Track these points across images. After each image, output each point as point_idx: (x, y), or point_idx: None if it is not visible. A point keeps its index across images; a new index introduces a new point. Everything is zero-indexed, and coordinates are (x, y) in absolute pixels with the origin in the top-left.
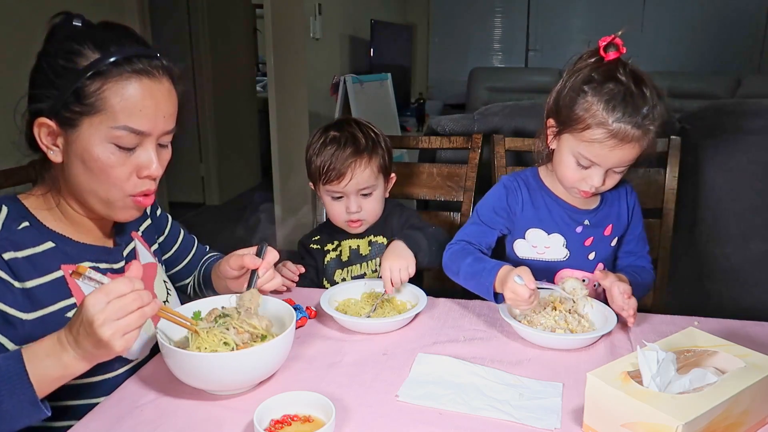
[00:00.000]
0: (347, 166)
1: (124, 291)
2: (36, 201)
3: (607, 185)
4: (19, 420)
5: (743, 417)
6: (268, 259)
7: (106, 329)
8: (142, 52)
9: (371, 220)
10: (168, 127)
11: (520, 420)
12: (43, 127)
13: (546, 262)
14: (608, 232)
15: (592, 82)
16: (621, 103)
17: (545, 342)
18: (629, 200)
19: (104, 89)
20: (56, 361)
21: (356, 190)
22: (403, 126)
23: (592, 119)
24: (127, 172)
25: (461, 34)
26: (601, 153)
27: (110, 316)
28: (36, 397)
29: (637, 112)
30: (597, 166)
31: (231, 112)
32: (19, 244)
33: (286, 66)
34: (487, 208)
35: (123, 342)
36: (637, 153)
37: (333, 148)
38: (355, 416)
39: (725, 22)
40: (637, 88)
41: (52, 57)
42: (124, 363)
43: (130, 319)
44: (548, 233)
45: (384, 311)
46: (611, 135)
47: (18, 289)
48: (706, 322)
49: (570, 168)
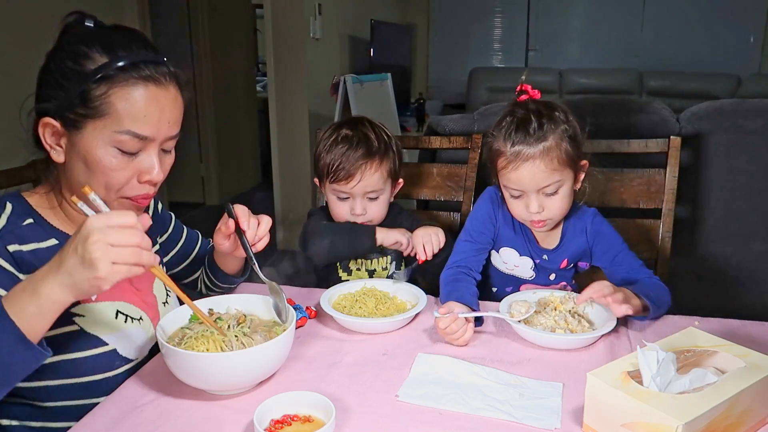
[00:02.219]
0: (357, 167)
1: (127, 223)
2: (40, 199)
3: (552, 209)
4: (14, 363)
5: (743, 417)
6: (240, 212)
7: (97, 248)
8: (150, 58)
9: (376, 223)
10: (172, 132)
11: (520, 420)
12: (47, 127)
13: (514, 277)
14: (563, 265)
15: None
16: (514, 131)
17: (545, 342)
18: (589, 231)
19: (110, 94)
20: (32, 294)
21: (363, 193)
22: (403, 126)
23: (498, 153)
24: (127, 176)
25: (461, 34)
26: (515, 177)
27: (106, 238)
28: (20, 333)
29: (527, 133)
30: (525, 192)
31: (231, 112)
32: (24, 239)
33: (286, 66)
34: (477, 222)
35: (109, 269)
36: (554, 167)
37: (344, 147)
38: (355, 416)
39: (725, 22)
40: (528, 114)
41: (60, 58)
42: (123, 362)
43: (125, 251)
44: (520, 255)
45: (384, 311)
46: (513, 157)
47: (21, 280)
48: (707, 322)
49: (510, 202)
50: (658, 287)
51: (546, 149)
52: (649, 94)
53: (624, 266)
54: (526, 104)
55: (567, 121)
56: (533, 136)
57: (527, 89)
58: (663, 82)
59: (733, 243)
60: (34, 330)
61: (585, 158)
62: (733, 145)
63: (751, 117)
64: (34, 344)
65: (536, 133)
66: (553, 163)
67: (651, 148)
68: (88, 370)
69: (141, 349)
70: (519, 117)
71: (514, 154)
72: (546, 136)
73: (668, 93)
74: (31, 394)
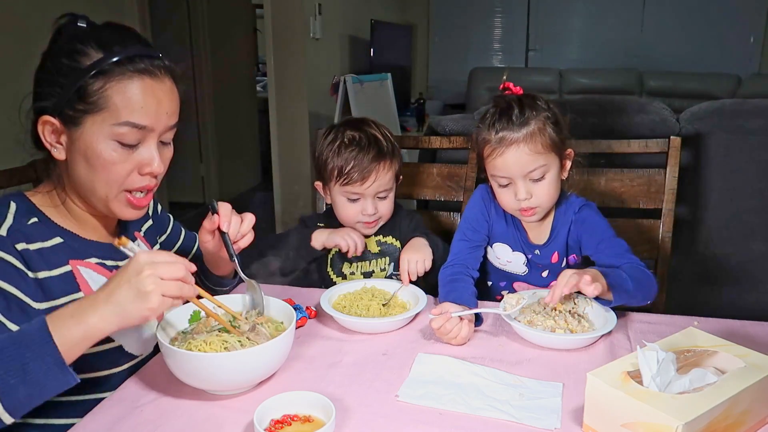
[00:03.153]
0: (371, 168)
1: (173, 260)
2: (42, 198)
3: (540, 196)
4: (47, 385)
5: (743, 417)
6: (222, 211)
7: (150, 281)
8: (145, 52)
9: (385, 221)
10: (170, 122)
11: (520, 420)
12: (47, 125)
13: (507, 273)
14: (555, 259)
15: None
16: (497, 119)
17: (545, 342)
18: (574, 220)
19: (107, 88)
20: (79, 321)
21: (375, 193)
22: (403, 126)
23: (484, 142)
24: (128, 169)
25: (461, 34)
26: (501, 163)
27: (157, 272)
28: (61, 358)
29: (509, 119)
30: (512, 180)
31: (231, 112)
32: (30, 237)
33: (286, 66)
34: (471, 220)
35: (159, 301)
36: (538, 150)
37: (355, 150)
38: (355, 416)
39: (725, 22)
40: (510, 103)
41: (56, 56)
42: (129, 359)
43: (173, 284)
44: (512, 250)
45: (384, 311)
46: (497, 144)
47: (31, 278)
48: (706, 322)
49: (499, 193)
50: (636, 275)
51: (530, 133)
52: (649, 94)
53: (607, 253)
54: (505, 96)
55: (549, 109)
56: (516, 122)
57: (510, 86)
58: (663, 82)
59: (733, 243)
60: (72, 354)
61: (570, 147)
62: (733, 145)
63: (751, 117)
64: (70, 369)
65: (519, 119)
66: (538, 147)
67: (651, 148)
68: (93, 366)
69: (146, 345)
70: (502, 106)
71: (498, 140)
72: (528, 120)
73: (668, 93)
74: None
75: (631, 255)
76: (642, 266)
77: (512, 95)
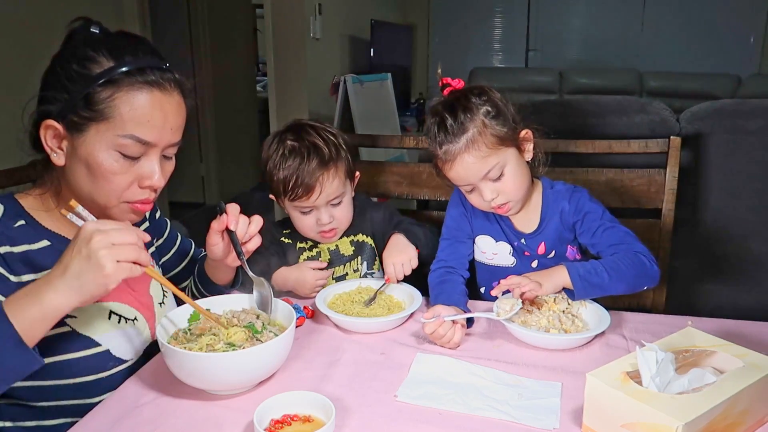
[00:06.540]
0: (315, 180)
1: (122, 226)
2: (33, 201)
3: (507, 191)
4: (7, 365)
5: (742, 416)
6: (231, 210)
7: (101, 246)
8: (156, 64)
9: (344, 227)
10: (174, 139)
11: (519, 420)
12: (49, 129)
13: (494, 266)
14: (542, 251)
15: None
16: (437, 132)
17: (539, 342)
18: (567, 211)
19: (115, 97)
20: (36, 299)
21: (326, 202)
22: (403, 126)
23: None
24: (128, 181)
25: (461, 34)
26: (455, 175)
27: (107, 238)
28: (18, 336)
29: (446, 131)
30: (474, 184)
31: (231, 112)
32: (15, 240)
33: (286, 66)
34: (452, 221)
35: (115, 266)
36: (485, 153)
37: (296, 161)
38: (355, 416)
39: (725, 22)
40: (443, 111)
41: (66, 61)
42: (117, 363)
43: (126, 248)
44: (496, 241)
45: (381, 310)
46: (444, 157)
47: (13, 283)
48: (700, 322)
49: (468, 197)
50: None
51: (470, 140)
52: (649, 94)
53: (603, 243)
54: (441, 101)
55: (487, 101)
56: (453, 132)
57: (448, 81)
58: (663, 82)
59: (733, 243)
60: (32, 335)
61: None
62: (733, 146)
63: (751, 117)
64: (30, 349)
65: (455, 128)
66: (483, 150)
67: (651, 148)
68: (80, 371)
69: (135, 350)
70: (438, 117)
71: (444, 153)
72: (465, 126)
73: (668, 93)
74: (24, 394)
75: (630, 242)
76: (640, 253)
77: (447, 98)
